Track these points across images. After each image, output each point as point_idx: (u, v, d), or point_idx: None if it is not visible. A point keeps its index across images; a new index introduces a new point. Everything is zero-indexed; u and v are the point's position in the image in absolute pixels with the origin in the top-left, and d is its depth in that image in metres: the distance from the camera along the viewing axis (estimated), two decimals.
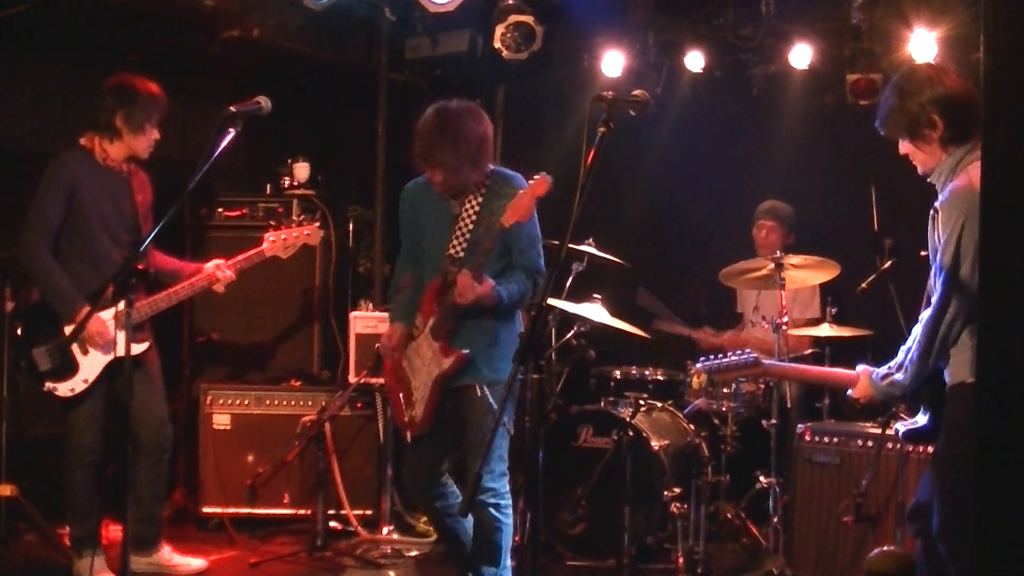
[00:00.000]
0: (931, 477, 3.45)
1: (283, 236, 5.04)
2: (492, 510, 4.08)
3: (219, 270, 4.91)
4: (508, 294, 4.02)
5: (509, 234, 3.99)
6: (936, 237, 3.32)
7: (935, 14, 5.57)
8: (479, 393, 4.05)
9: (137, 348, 4.69)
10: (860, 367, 3.54)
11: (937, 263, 3.30)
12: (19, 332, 4.83)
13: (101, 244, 4.70)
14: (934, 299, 3.29)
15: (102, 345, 4.65)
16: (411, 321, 4.20)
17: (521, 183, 4.10)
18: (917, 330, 3.35)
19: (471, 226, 4.08)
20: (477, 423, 4.07)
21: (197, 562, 5.09)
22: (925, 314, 3.33)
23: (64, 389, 4.66)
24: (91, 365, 4.67)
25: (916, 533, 3.55)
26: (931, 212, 3.38)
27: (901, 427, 3.53)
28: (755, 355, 3.74)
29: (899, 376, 3.37)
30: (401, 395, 4.20)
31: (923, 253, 3.58)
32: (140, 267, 4.64)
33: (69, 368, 4.66)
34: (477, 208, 4.10)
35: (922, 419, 3.44)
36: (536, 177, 3.85)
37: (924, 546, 3.47)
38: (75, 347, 4.66)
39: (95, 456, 4.77)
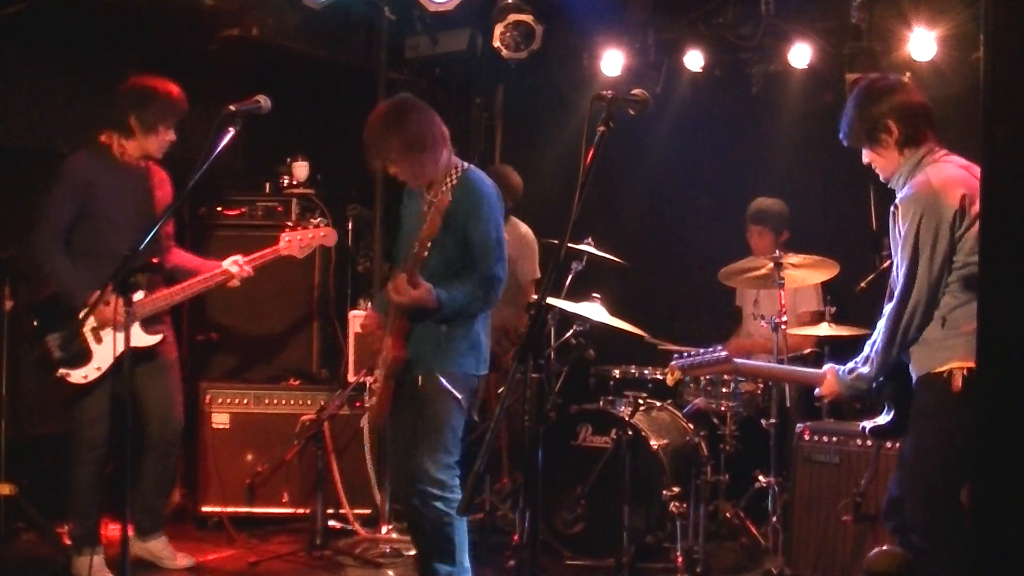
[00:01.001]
0: (901, 471, 3.53)
1: (299, 237, 5.10)
2: (439, 503, 4.04)
3: (235, 265, 4.97)
4: (450, 299, 3.99)
5: (463, 235, 4.03)
6: (896, 232, 3.44)
7: (934, 13, 5.58)
8: (429, 379, 4.07)
9: (151, 339, 4.82)
10: (827, 366, 3.63)
11: (898, 257, 3.42)
12: (35, 323, 4.81)
13: (118, 240, 4.63)
14: (896, 292, 3.40)
15: (116, 324, 4.62)
16: (385, 312, 4.26)
17: (478, 186, 4.14)
18: (881, 324, 3.44)
19: (434, 226, 4.05)
20: (425, 409, 4.09)
21: (185, 559, 5.12)
22: (888, 307, 3.43)
23: (77, 376, 4.70)
24: (104, 354, 4.70)
25: (892, 530, 3.60)
26: (891, 209, 3.52)
27: (867, 424, 3.61)
28: (726, 352, 3.82)
29: (864, 369, 3.49)
30: (370, 386, 4.32)
31: (884, 253, 3.69)
32: (154, 261, 4.78)
33: (83, 356, 4.70)
34: (440, 208, 4.07)
35: (885, 417, 3.52)
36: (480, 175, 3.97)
37: (902, 543, 3.53)
38: (89, 336, 4.70)
39: (101, 452, 4.79)
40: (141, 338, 4.79)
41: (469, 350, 4.13)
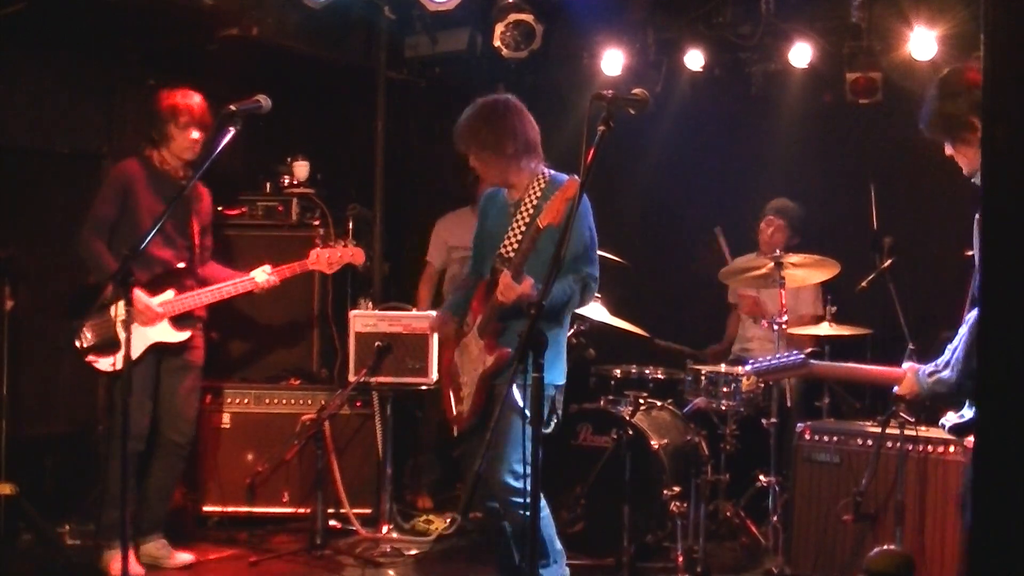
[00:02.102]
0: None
1: (327, 254, 5.28)
2: (523, 512, 3.90)
3: (263, 274, 5.17)
4: (551, 297, 3.85)
5: (549, 237, 3.97)
6: None
7: (934, 12, 5.58)
8: (512, 390, 4.01)
9: (179, 336, 5.00)
10: (906, 364, 3.58)
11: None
12: (70, 308, 4.99)
13: (154, 243, 4.76)
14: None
15: (146, 319, 4.85)
16: (461, 316, 4.23)
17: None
18: (963, 330, 3.35)
19: (523, 227, 4.07)
20: (501, 419, 4.03)
21: (184, 556, 5.13)
22: (972, 315, 3.33)
23: (105, 364, 4.84)
24: (134, 344, 4.73)
25: (965, 526, 3.55)
26: (976, 216, 3.38)
27: (947, 422, 3.55)
28: (803, 356, 3.78)
29: (946, 374, 3.42)
30: (451, 391, 4.24)
31: (968, 252, 3.59)
32: (181, 265, 5.02)
33: (113, 345, 4.76)
34: (531, 210, 4.08)
35: (969, 412, 3.46)
36: (567, 179, 3.87)
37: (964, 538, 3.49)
38: (120, 327, 4.73)
39: (137, 443, 4.84)
40: (169, 334, 4.97)
41: (555, 359, 4.04)
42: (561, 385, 4.14)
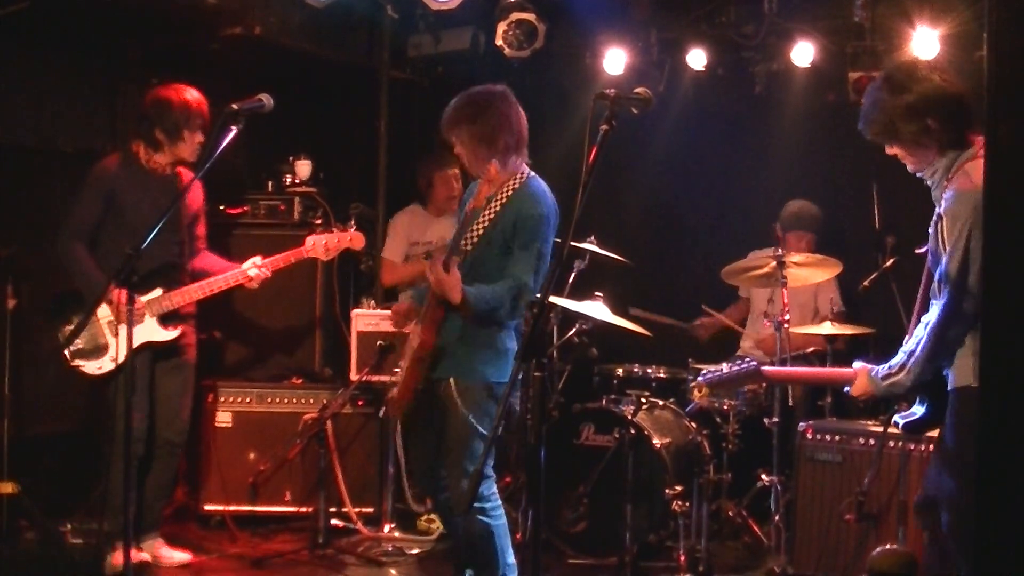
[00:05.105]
0: (940, 476, 3.44)
1: (324, 240, 5.13)
2: (480, 516, 4.00)
3: (255, 267, 5.04)
4: (476, 297, 3.90)
5: (507, 239, 3.99)
6: (940, 245, 3.29)
7: (937, 12, 5.57)
8: (451, 388, 4.03)
9: (167, 335, 4.91)
10: (857, 364, 3.55)
11: (942, 268, 3.27)
12: (51, 314, 4.93)
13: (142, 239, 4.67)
14: (939, 304, 3.27)
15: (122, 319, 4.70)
16: (421, 303, 4.23)
17: (535, 197, 4.07)
18: (920, 332, 3.34)
19: (486, 224, 4.03)
20: (444, 419, 4.06)
21: (181, 556, 5.13)
22: (928, 316, 3.33)
23: (92, 367, 4.81)
24: (123, 346, 4.67)
25: (923, 526, 3.55)
26: (934, 219, 3.36)
27: (900, 420, 3.55)
28: (755, 363, 3.75)
29: (900, 376, 3.39)
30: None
31: (918, 251, 3.58)
32: (173, 262, 4.93)
33: (100, 348, 4.79)
34: (498, 208, 4.04)
35: (919, 409, 3.46)
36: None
37: (931, 539, 3.48)
38: (106, 329, 4.78)
39: (137, 446, 4.81)
40: (158, 333, 4.89)
41: (493, 357, 4.04)
42: (503, 383, 3.99)
